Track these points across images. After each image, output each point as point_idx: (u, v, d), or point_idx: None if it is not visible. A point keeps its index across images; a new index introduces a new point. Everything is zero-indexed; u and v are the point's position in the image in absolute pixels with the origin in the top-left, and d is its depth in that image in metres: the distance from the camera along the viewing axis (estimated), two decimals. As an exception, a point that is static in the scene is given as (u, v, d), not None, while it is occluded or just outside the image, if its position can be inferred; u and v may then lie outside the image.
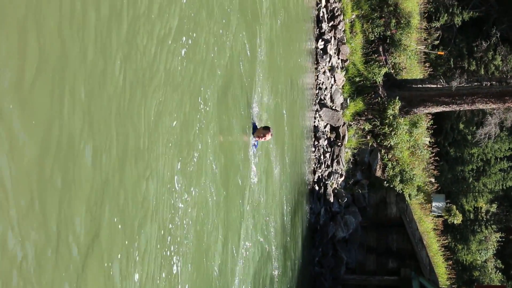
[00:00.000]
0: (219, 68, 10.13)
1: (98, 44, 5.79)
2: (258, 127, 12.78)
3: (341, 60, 24.79)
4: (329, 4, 24.06)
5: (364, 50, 26.33)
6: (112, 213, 6.13)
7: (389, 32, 27.12)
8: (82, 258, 5.50)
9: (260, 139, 12.59)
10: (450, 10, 38.41)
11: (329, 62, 23.48)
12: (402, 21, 27.65)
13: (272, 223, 14.64)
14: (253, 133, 12.53)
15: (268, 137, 12.61)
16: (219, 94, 10.13)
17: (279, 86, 15.73)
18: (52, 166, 5.00)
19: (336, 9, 24.35)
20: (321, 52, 23.04)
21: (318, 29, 23.27)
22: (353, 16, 25.97)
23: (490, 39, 36.87)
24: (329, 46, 23.28)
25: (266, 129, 12.60)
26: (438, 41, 37.62)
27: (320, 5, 23.35)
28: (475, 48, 37.38)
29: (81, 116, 5.47)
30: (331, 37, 23.65)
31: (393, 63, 27.82)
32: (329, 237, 22.72)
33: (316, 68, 22.76)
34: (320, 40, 23.10)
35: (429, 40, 35.92)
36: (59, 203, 5.11)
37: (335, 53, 24.16)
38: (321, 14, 23.36)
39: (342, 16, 24.65)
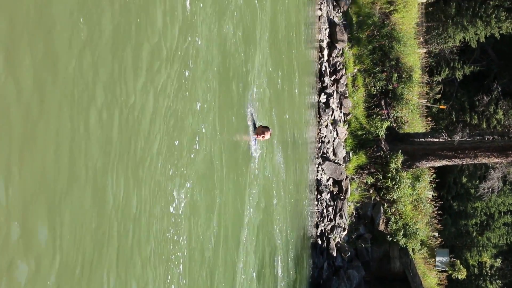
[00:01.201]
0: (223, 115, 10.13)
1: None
2: (257, 125, 12.72)
3: (344, 113, 24.89)
4: (331, 58, 24.28)
5: (366, 104, 26.46)
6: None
7: (391, 86, 27.29)
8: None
9: (259, 137, 12.51)
10: (451, 65, 38.78)
11: (331, 115, 23.57)
12: (403, 75, 27.85)
13: (274, 277, 14.46)
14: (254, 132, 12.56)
15: (267, 136, 12.56)
16: (226, 147, 10.12)
17: (282, 139, 15.73)
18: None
19: (338, 63, 24.58)
20: (324, 105, 23.15)
21: (320, 83, 23.43)
22: (355, 70, 26.18)
23: (491, 93, 37.09)
24: (331, 100, 23.40)
25: (266, 128, 12.59)
26: (440, 95, 37.87)
27: (322, 59, 23.56)
28: (477, 102, 37.59)
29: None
30: (333, 91, 23.79)
31: (395, 117, 27.91)
32: (332, 292, 22.41)
33: (318, 122, 22.83)
34: (323, 94, 23.23)
35: (430, 94, 36.15)
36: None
37: (337, 106, 24.27)
38: (323, 68, 23.55)
39: (344, 70, 24.86)
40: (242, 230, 11.56)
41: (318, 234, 22.14)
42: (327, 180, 23.15)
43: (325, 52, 23.79)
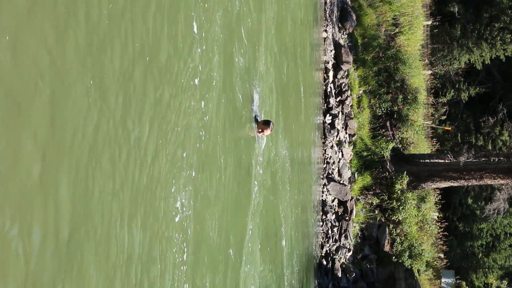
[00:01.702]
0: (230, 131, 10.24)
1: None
2: (259, 120, 12.61)
3: (349, 134, 24.99)
4: (336, 80, 24.44)
5: (372, 125, 26.56)
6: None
7: (396, 108, 27.41)
8: None
9: (260, 133, 12.44)
10: (457, 86, 38.88)
11: (336, 136, 23.67)
12: (409, 97, 27.97)
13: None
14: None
15: (267, 132, 12.45)
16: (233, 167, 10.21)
17: (290, 161, 15.83)
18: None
19: (343, 84, 24.73)
20: (329, 126, 23.26)
21: (326, 104, 23.57)
22: (361, 92, 26.32)
23: (497, 115, 37.14)
24: (336, 121, 23.52)
25: (266, 123, 12.44)
26: (445, 116, 37.93)
27: (327, 80, 23.72)
28: (482, 124, 37.63)
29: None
30: (338, 112, 23.92)
31: (400, 138, 27.99)
32: (337, 313, 22.38)
33: (324, 143, 22.93)
34: (328, 114, 23.35)
35: (436, 115, 36.23)
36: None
37: (342, 127, 24.38)
38: (328, 89, 23.70)
39: (349, 91, 25.00)
40: (245, 246, 11.62)
41: (323, 254, 22.15)
42: (332, 201, 23.21)
43: (331, 74, 23.95)
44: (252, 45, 12.24)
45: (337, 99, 24.37)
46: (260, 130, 12.43)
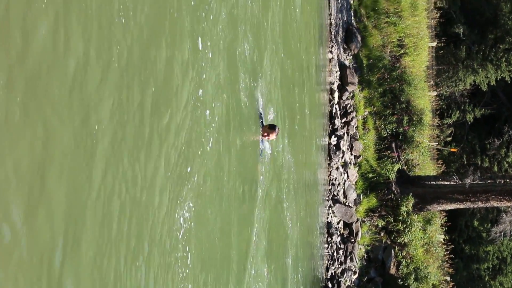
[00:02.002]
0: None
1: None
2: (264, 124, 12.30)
3: (354, 156, 24.87)
4: (341, 101, 24.37)
5: (377, 147, 26.45)
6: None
7: (401, 129, 27.30)
8: None
9: (265, 138, 12.14)
10: (462, 107, 38.82)
11: (342, 158, 23.55)
12: (414, 118, 27.88)
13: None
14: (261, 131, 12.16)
15: (273, 136, 12.13)
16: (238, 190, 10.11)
17: (293, 182, 15.71)
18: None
19: (348, 105, 24.65)
20: (334, 148, 23.15)
21: (331, 125, 23.48)
22: (366, 113, 26.24)
23: (502, 137, 37.02)
24: (342, 142, 23.41)
25: (272, 128, 12.11)
26: (451, 138, 37.82)
27: (333, 101, 23.64)
28: (488, 145, 37.50)
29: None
30: (344, 133, 23.82)
31: (406, 160, 27.86)
32: (343, 337, 22.11)
33: (329, 164, 22.81)
34: (333, 136, 23.25)
35: (441, 137, 36.12)
36: None
37: (348, 149, 24.27)
38: (334, 111, 23.62)
39: (354, 112, 24.92)
40: (248, 269, 11.47)
41: (328, 277, 21.93)
42: (338, 223, 23.03)
43: (336, 95, 23.89)
44: (255, 66, 12.18)
45: (343, 121, 24.28)
46: (265, 134, 12.11)
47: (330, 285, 21.85)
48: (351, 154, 24.66)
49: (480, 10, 39.17)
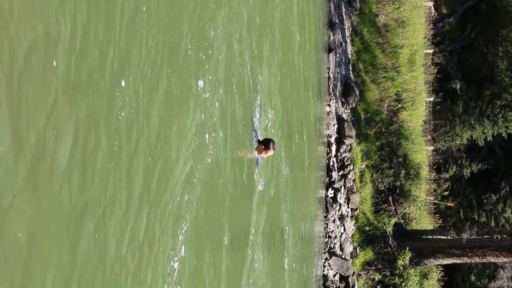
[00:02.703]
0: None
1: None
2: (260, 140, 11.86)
3: (351, 209, 24.92)
4: (339, 154, 24.54)
5: (374, 200, 26.52)
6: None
7: (398, 183, 27.42)
8: None
9: (261, 154, 11.74)
10: (459, 162, 39.00)
11: (339, 210, 23.60)
12: (411, 172, 28.02)
13: None
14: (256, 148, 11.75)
15: (270, 153, 11.73)
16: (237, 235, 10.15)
17: (290, 235, 15.75)
18: None
19: (346, 158, 24.82)
20: (331, 200, 23.23)
21: (328, 178, 23.60)
22: (363, 166, 26.39)
23: (499, 192, 37.12)
24: (339, 195, 23.50)
25: (267, 145, 11.63)
26: (448, 192, 37.90)
27: (330, 154, 23.82)
28: (485, 200, 37.56)
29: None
30: (341, 186, 23.93)
31: (403, 213, 27.90)
32: None
33: (325, 217, 22.85)
34: (330, 188, 23.35)
35: (438, 191, 36.20)
36: None
37: (345, 202, 24.34)
38: (331, 163, 23.78)
39: (352, 165, 25.07)
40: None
41: (324, 331, 21.75)
42: (334, 276, 22.93)
43: (333, 148, 24.08)
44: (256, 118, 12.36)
45: (340, 173, 24.41)
46: (262, 150, 11.72)
47: None
48: (348, 207, 24.72)
49: (477, 66, 39.75)
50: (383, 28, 29.24)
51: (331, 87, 24.06)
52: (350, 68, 26.85)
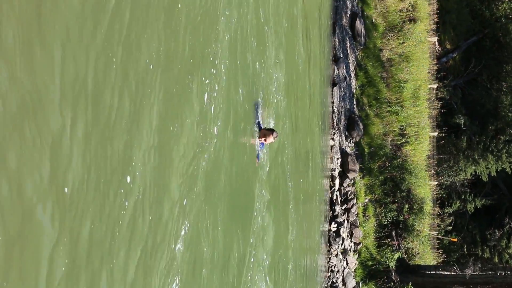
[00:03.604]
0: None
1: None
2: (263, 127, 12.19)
3: (354, 243, 24.82)
4: (342, 188, 24.52)
5: (377, 234, 26.42)
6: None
7: (402, 217, 27.33)
8: None
9: (261, 139, 12.05)
10: (463, 197, 38.85)
11: (341, 245, 23.51)
12: (415, 207, 27.95)
13: None
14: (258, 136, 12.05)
15: (270, 139, 12.07)
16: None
17: (290, 271, 15.67)
18: None
19: (349, 192, 24.79)
20: (334, 234, 23.15)
21: (331, 212, 23.56)
22: (366, 200, 26.34)
23: (503, 228, 36.93)
24: (342, 229, 23.43)
25: (270, 130, 12.09)
26: (451, 227, 37.68)
27: (333, 188, 23.80)
28: (489, 236, 37.35)
29: None
30: (344, 220, 23.87)
31: (406, 248, 27.76)
32: None
33: (328, 251, 22.76)
34: (333, 222, 23.29)
35: (442, 226, 36.01)
36: None
37: (348, 236, 24.25)
38: (334, 197, 23.75)
39: (355, 199, 25.02)
40: None
41: None
42: (336, 311, 22.77)
43: (337, 181, 24.07)
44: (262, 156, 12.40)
45: (343, 207, 24.37)
46: (263, 136, 12.07)
47: None
48: (351, 241, 24.62)
49: (481, 101, 39.81)
50: (387, 62, 29.39)
51: (335, 121, 24.13)
52: (354, 102, 26.94)
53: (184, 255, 7.93)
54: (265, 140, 12.08)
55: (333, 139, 23.96)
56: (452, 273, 26.86)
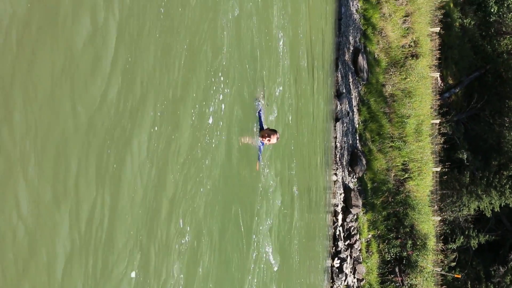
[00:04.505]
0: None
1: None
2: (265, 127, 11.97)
3: (357, 279, 24.62)
4: (345, 223, 24.41)
5: (380, 270, 26.22)
6: None
7: (405, 253, 27.15)
8: None
9: (264, 139, 11.77)
10: (466, 233, 38.63)
11: (344, 281, 23.32)
12: (418, 243, 27.78)
13: None
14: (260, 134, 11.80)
15: (273, 140, 11.82)
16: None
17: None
18: None
19: (352, 228, 24.67)
20: (337, 270, 22.98)
21: (334, 247, 23.41)
22: (369, 236, 26.20)
23: (507, 264, 36.65)
24: (345, 265, 23.26)
25: (273, 131, 11.87)
26: (455, 263, 37.41)
27: (336, 223, 23.69)
28: (493, 272, 37.06)
29: None
30: (347, 256, 23.71)
31: (409, 285, 27.51)
32: None
33: (331, 287, 22.56)
34: (336, 258, 23.14)
35: (445, 262, 35.75)
36: None
37: (351, 272, 24.07)
38: (337, 233, 23.62)
39: (358, 235, 24.89)
40: None
41: None
42: None
43: (340, 217, 23.97)
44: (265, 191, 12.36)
45: (346, 243, 24.23)
46: (266, 135, 11.81)
47: None
48: (354, 277, 24.43)
49: (484, 137, 39.83)
50: (390, 98, 29.46)
51: (338, 156, 24.11)
52: (357, 138, 26.95)
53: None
54: (268, 140, 11.86)
55: (336, 174, 23.92)
56: (456, 310, 26.59)
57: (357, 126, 27.10)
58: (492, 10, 40.84)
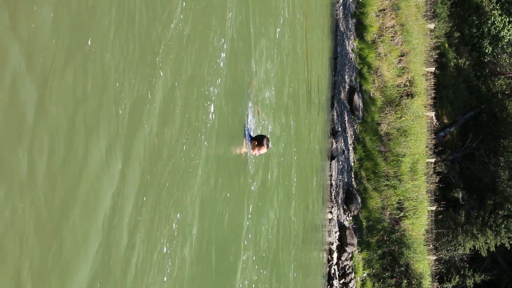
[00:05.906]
0: None
1: None
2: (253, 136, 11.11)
3: (352, 318, 24.50)
4: (340, 262, 24.35)
5: (376, 309, 26.11)
6: None
7: (400, 294, 27.07)
8: None
9: (254, 151, 11.04)
10: (462, 272, 38.48)
11: (339, 320, 23.19)
12: (413, 282, 27.68)
13: None
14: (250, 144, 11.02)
15: (263, 150, 11.06)
16: None
17: None
18: None
19: (347, 266, 24.60)
20: (332, 309, 22.86)
21: (329, 286, 23.32)
22: (365, 275, 26.11)
23: (503, 304, 36.49)
24: (340, 304, 23.15)
25: (260, 141, 10.95)
26: (450, 303, 37.24)
27: (331, 262, 23.63)
28: (489, 313, 36.87)
29: None
30: (342, 295, 23.62)
31: (405, 325, 27.36)
32: None
33: (326, 326, 22.42)
34: (331, 297, 23.04)
35: (441, 302, 35.59)
36: None
37: (346, 311, 23.95)
38: (332, 271, 23.55)
39: (353, 274, 24.82)
40: None
41: None
42: None
43: (335, 255, 23.92)
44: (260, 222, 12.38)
45: (341, 282, 24.14)
46: (256, 149, 11.04)
47: None
48: (349, 317, 24.30)
49: (479, 176, 39.94)
50: (385, 136, 29.63)
51: (333, 194, 24.17)
52: (352, 176, 27.03)
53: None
54: (258, 151, 11.12)
55: (331, 212, 23.94)
56: None
57: (352, 164, 27.20)
58: (486, 51, 41.29)
